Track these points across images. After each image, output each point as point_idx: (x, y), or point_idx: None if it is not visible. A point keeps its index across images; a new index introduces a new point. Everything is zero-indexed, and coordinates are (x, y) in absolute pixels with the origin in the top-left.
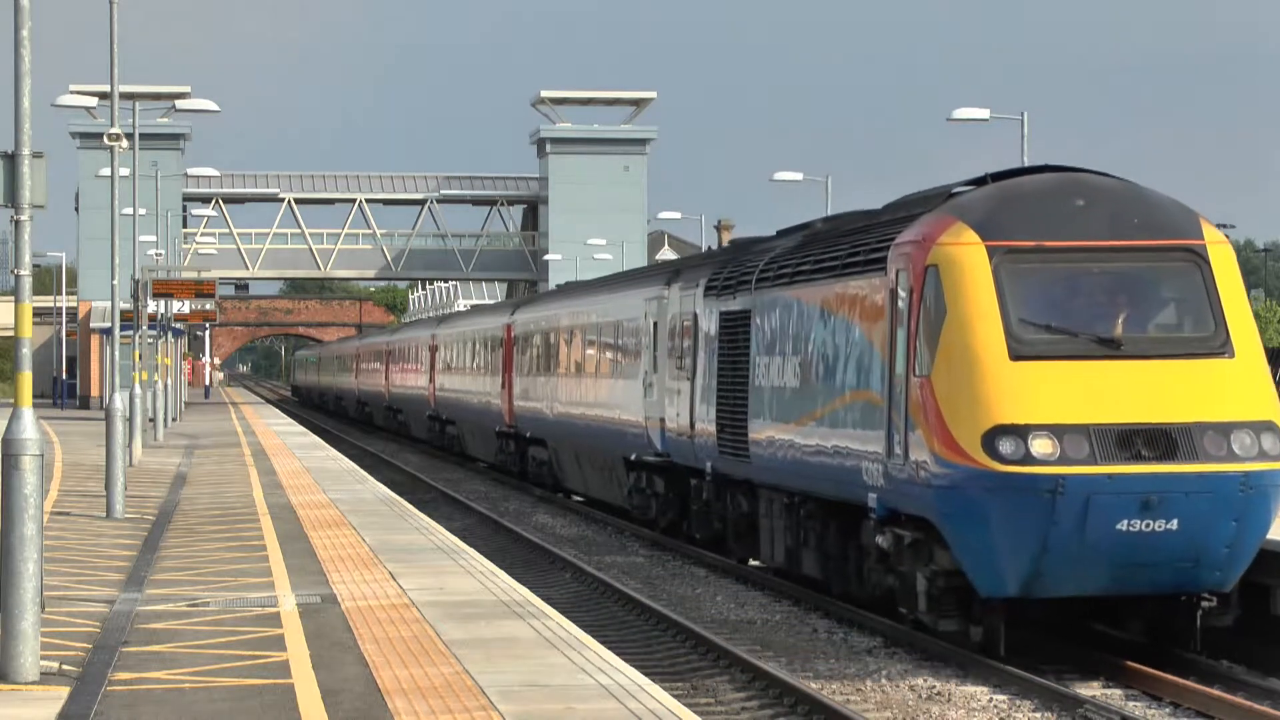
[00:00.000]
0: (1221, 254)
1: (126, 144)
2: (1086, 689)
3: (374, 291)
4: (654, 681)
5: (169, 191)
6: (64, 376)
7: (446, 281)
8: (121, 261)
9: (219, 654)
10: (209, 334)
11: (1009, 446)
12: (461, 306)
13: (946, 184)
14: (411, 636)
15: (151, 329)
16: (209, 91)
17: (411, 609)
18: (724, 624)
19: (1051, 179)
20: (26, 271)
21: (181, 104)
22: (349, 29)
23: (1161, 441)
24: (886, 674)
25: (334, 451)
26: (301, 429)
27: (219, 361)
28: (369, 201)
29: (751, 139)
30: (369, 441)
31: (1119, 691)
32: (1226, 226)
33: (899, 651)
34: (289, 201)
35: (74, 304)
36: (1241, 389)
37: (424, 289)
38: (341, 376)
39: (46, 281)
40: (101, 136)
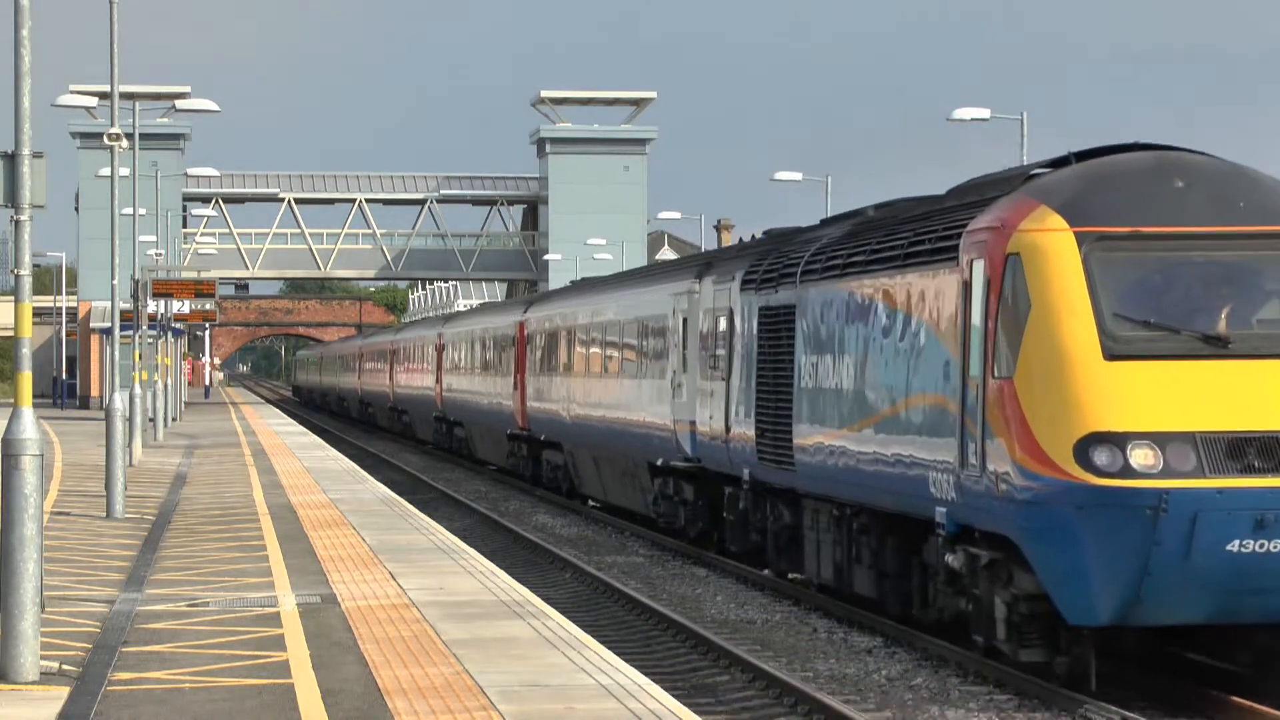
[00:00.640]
0: None
1: (126, 144)
2: None
3: (374, 291)
4: (654, 681)
5: (169, 191)
6: (64, 376)
7: (446, 281)
8: (121, 261)
9: (219, 654)
10: (209, 334)
11: (1105, 457)
12: (461, 306)
13: (1024, 165)
14: (411, 636)
15: (151, 329)
16: (209, 91)
17: (411, 609)
18: (724, 624)
19: (1145, 158)
20: (26, 271)
21: (181, 104)
22: (349, 29)
23: (1277, 452)
24: (886, 674)
25: (334, 451)
26: (301, 429)
27: (219, 361)
28: (369, 201)
29: (751, 139)
30: (369, 442)
31: None
32: None
33: (899, 651)
34: (289, 201)
35: (74, 304)
36: None
37: (424, 289)
38: (344, 376)
39: (46, 281)
40: (101, 136)
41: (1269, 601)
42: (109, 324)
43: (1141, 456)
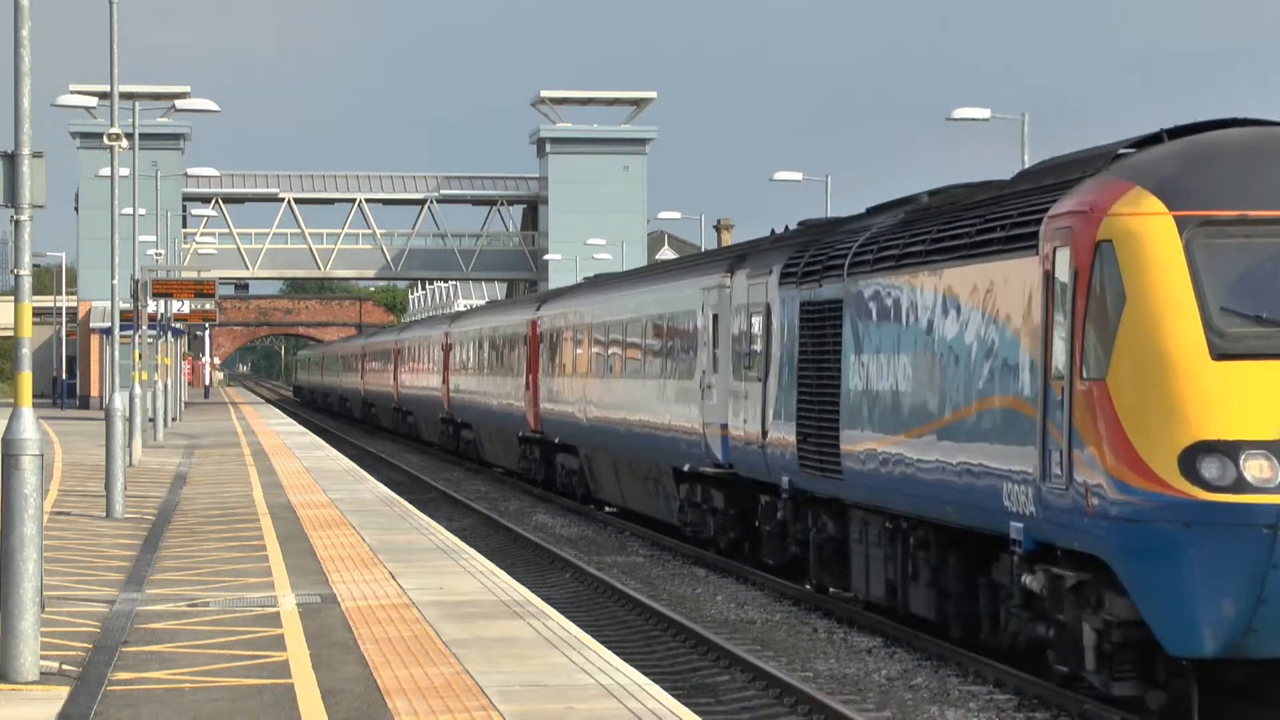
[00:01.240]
0: None
1: (126, 144)
2: None
3: (374, 291)
4: (654, 681)
5: (169, 191)
6: (64, 376)
7: (446, 281)
8: (121, 261)
9: (219, 654)
10: (209, 334)
11: (1215, 469)
12: (461, 306)
13: (1108, 144)
14: (411, 636)
15: (151, 329)
16: (209, 91)
17: (411, 609)
18: (724, 624)
19: (1250, 134)
20: (26, 271)
21: (181, 104)
22: (348, 29)
23: None
24: (886, 674)
25: (334, 451)
26: (301, 429)
27: (219, 361)
28: (369, 201)
29: (751, 139)
30: (370, 442)
31: None
32: None
33: (899, 651)
34: (289, 201)
35: (74, 304)
36: None
37: (424, 289)
38: (346, 376)
39: (46, 281)
40: (101, 136)
41: None
42: (109, 324)
43: (1256, 468)
